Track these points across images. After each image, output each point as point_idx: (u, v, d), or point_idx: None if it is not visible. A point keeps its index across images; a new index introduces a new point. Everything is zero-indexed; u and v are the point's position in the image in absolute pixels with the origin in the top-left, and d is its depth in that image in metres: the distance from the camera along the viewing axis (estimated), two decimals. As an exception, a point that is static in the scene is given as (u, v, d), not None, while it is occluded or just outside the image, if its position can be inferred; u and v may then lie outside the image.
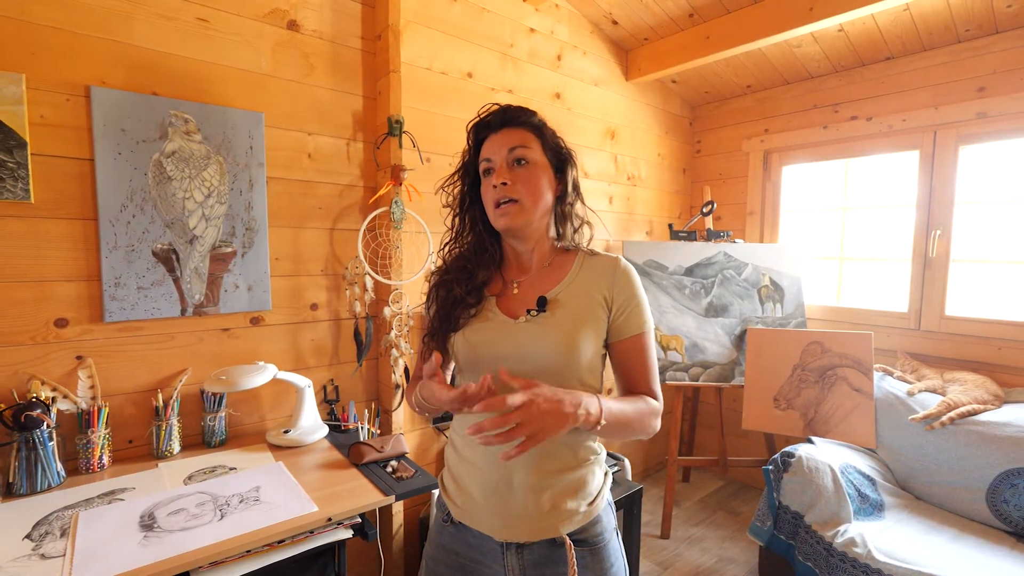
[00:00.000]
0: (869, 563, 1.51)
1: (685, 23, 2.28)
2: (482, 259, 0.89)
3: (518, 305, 0.86)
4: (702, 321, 2.37)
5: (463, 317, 0.86)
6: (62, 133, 1.25)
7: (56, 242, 1.26)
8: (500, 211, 0.83)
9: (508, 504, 0.81)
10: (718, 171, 2.95)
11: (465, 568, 0.86)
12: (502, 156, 0.84)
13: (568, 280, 0.86)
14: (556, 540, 0.81)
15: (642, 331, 0.85)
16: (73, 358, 1.29)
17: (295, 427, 1.49)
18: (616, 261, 0.87)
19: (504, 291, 0.89)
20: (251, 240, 1.53)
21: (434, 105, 1.88)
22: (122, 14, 1.31)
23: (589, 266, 0.87)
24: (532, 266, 0.90)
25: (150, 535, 0.98)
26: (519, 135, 0.85)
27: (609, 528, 0.86)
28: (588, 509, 0.83)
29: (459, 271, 0.89)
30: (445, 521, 0.89)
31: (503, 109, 0.87)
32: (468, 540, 0.85)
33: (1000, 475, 1.68)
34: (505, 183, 0.82)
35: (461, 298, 0.86)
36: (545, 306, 0.83)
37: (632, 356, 0.85)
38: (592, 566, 0.82)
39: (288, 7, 1.57)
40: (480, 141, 0.88)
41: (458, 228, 0.92)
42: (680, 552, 2.21)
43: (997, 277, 2.10)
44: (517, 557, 0.81)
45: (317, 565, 1.15)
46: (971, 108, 2.06)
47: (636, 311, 0.84)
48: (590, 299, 0.84)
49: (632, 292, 0.85)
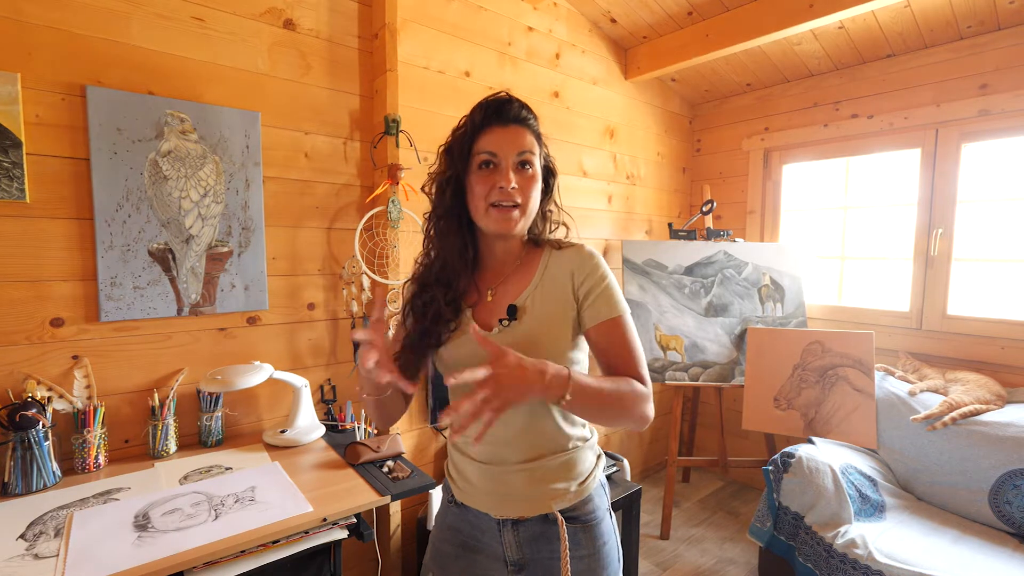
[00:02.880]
0: (870, 564, 1.50)
1: (684, 21, 2.27)
2: (462, 263, 0.85)
3: (491, 315, 0.85)
4: (702, 321, 2.36)
5: (444, 332, 0.84)
6: (58, 133, 1.25)
7: (52, 242, 1.26)
8: (501, 213, 0.80)
9: (502, 485, 0.84)
10: (718, 170, 2.93)
11: (467, 545, 0.89)
12: (510, 157, 0.80)
13: (536, 280, 0.85)
14: (549, 516, 0.84)
15: (613, 316, 0.81)
16: (69, 358, 1.29)
17: (292, 427, 1.49)
18: (579, 249, 0.85)
19: (479, 301, 0.87)
20: (247, 240, 1.53)
21: (431, 104, 1.88)
22: (118, 13, 1.31)
23: (555, 261, 0.86)
24: (505, 267, 0.88)
25: (144, 535, 0.98)
26: (528, 139, 0.82)
27: (602, 507, 0.88)
28: (579, 488, 0.85)
29: (436, 281, 0.85)
30: (449, 502, 0.93)
31: (521, 103, 0.83)
32: (469, 519, 0.89)
33: (1003, 476, 1.67)
34: (513, 187, 0.79)
35: (440, 313, 0.83)
36: (515, 314, 0.82)
37: (608, 343, 0.82)
38: (585, 542, 0.84)
39: (284, 6, 1.56)
40: (479, 128, 0.82)
41: (441, 224, 0.86)
42: (680, 553, 2.19)
43: (999, 276, 2.08)
44: (513, 533, 0.85)
45: (313, 565, 1.14)
46: (973, 105, 2.04)
47: (603, 296, 0.82)
48: (558, 297, 0.83)
49: (598, 278, 0.82)
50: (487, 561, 0.88)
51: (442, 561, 0.92)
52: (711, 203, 2.60)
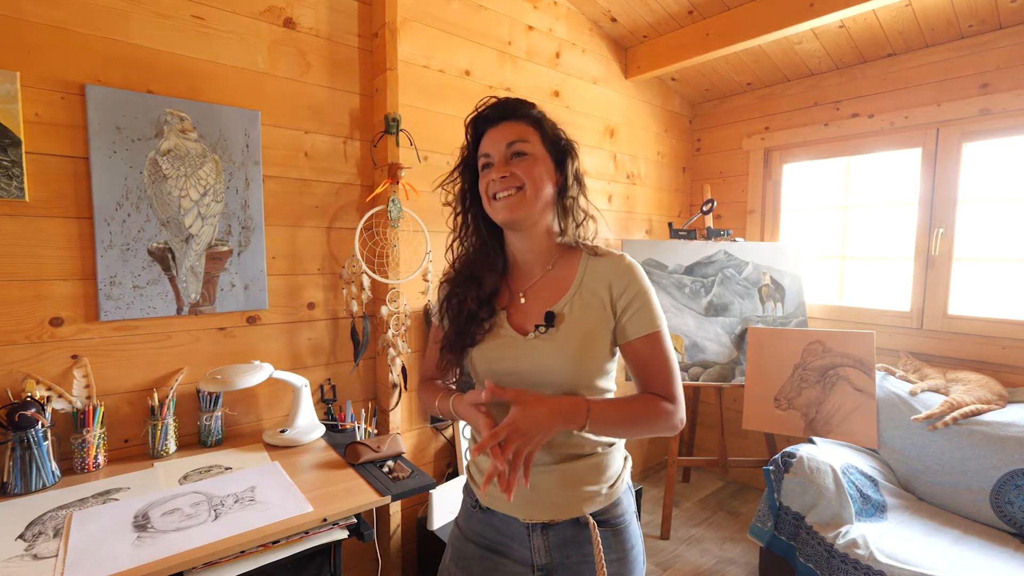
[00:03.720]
0: (871, 565, 1.49)
1: (684, 20, 2.27)
2: (487, 262, 0.89)
3: (526, 319, 0.86)
4: (702, 320, 2.36)
5: (479, 333, 0.86)
6: (57, 131, 1.25)
7: (51, 241, 1.25)
8: (501, 203, 0.82)
9: (532, 489, 0.82)
10: (718, 169, 2.93)
11: (492, 550, 0.88)
12: (500, 151, 0.83)
13: (574, 288, 0.85)
14: (580, 520, 0.83)
15: (651, 331, 0.83)
16: (68, 357, 1.29)
17: (291, 427, 1.48)
18: (620, 259, 0.85)
19: (512, 303, 0.89)
20: (247, 239, 1.52)
21: (431, 103, 1.88)
22: (117, 12, 1.31)
23: (593, 268, 0.85)
24: (536, 269, 0.89)
25: (144, 535, 0.97)
26: (517, 129, 0.84)
27: (629, 511, 0.88)
28: (609, 491, 0.84)
29: (467, 279, 0.89)
30: (473, 507, 0.91)
31: (501, 102, 0.86)
32: (495, 524, 0.87)
33: (1004, 476, 1.67)
34: (504, 176, 0.81)
35: (474, 313, 0.86)
36: (553, 321, 0.83)
37: (643, 357, 0.83)
38: (614, 546, 0.84)
39: (284, 5, 1.56)
40: (479, 135, 0.87)
41: (461, 227, 0.92)
42: (680, 553, 2.19)
43: (1001, 276, 2.08)
44: (543, 537, 0.83)
45: (313, 566, 1.14)
46: (974, 105, 2.04)
47: (643, 311, 0.83)
48: (596, 307, 0.83)
49: (637, 290, 0.83)
50: (513, 565, 0.86)
51: (465, 563, 0.90)
52: (711, 202, 2.60)
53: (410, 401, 1.86)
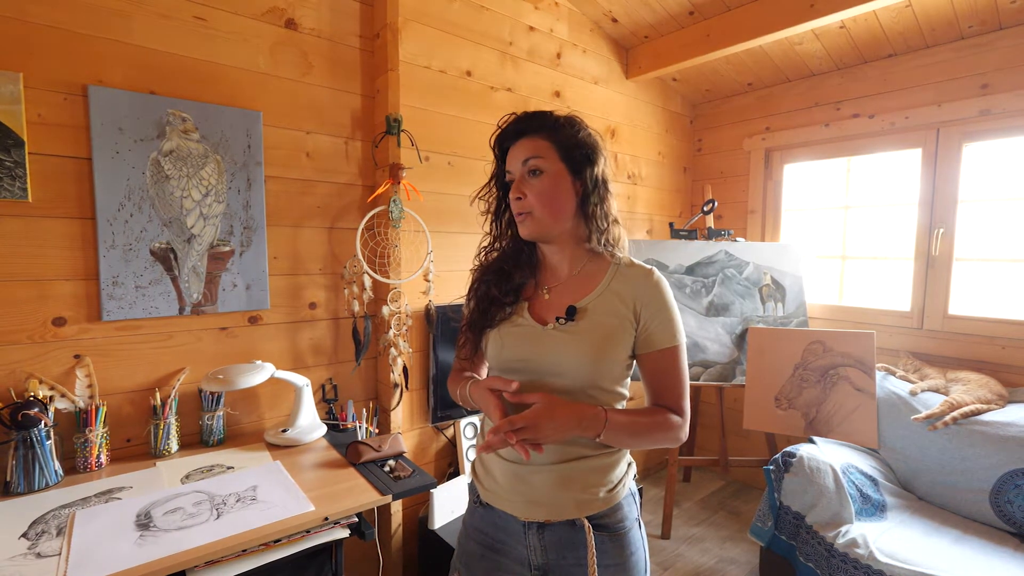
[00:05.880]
0: (871, 564, 1.50)
1: (685, 21, 2.27)
2: (519, 261, 0.93)
3: (548, 311, 0.88)
4: (703, 320, 2.36)
5: (499, 316, 0.90)
6: (60, 132, 1.25)
7: (54, 241, 1.26)
8: (518, 220, 0.87)
9: (530, 487, 0.84)
10: (719, 169, 2.93)
11: (492, 547, 0.89)
12: (518, 168, 0.86)
13: (599, 290, 0.87)
14: (576, 522, 0.83)
15: (670, 346, 0.85)
16: (71, 357, 1.29)
17: (293, 426, 1.49)
18: (649, 273, 0.87)
19: (536, 296, 0.91)
20: (249, 239, 1.53)
21: (433, 104, 1.88)
22: (120, 13, 1.31)
23: (622, 275, 0.87)
24: (564, 271, 0.91)
25: (146, 534, 0.98)
26: (532, 146, 0.85)
27: (631, 517, 0.88)
28: (608, 496, 0.85)
29: (498, 272, 0.93)
30: (475, 503, 0.93)
31: (518, 119, 0.89)
32: (495, 521, 0.89)
33: (1004, 476, 1.67)
34: (519, 197, 0.85)
35: (499, 297, 0.90)
36: (574, 315, 0.84)
37: (659, 370, 0.85)
38: (612, 551, 0.84)
39: (286, 5, 1.56)
40: (505, 151, 0.90)
41: (496, 233, 0.97)
42: (680, 552, 2.19)
43: (1001, 276, 2.08)
44: (538, 536, 0.84)
45: (314, 565, 1.14)
46: (974, 105, 2.04)
47: (665, 325, 0.84)
48: (619, 310, 0.84)
49: (661, 304, 0.85)
50: (511, 564, 0.87)
51: (467, 560, 0.92)
52: (712, 203, 2.60)
53: (411, 401, 1.87)
